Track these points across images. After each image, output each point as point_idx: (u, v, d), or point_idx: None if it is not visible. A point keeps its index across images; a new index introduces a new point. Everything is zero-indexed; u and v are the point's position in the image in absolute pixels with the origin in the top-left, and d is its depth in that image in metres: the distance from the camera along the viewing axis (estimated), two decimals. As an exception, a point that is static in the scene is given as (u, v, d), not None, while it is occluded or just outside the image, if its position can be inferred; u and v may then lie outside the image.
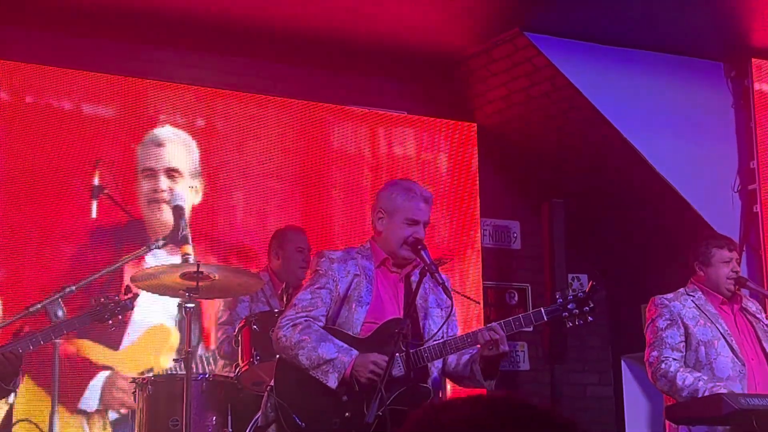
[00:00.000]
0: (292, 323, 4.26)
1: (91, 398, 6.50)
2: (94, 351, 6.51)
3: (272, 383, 4.37)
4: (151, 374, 6.16)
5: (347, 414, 4.14)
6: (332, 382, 4.11)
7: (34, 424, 6.13)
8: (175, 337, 6.67)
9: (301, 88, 7.45)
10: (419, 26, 7.15)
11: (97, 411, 6.51)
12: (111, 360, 6.58)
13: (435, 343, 4.22)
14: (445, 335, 4.31)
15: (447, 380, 4.61)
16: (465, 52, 7.53)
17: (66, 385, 6.29)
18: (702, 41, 7.37)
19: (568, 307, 4.29)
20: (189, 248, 6.72)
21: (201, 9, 6.78)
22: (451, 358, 4.37)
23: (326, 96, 7.51)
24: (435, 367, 4.33)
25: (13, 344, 4.62)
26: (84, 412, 6.49)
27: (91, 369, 6.55)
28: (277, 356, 4.37)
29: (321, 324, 4.27)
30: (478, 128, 7.87)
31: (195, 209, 6.94)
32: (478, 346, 4.21)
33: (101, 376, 6.58)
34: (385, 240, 4.37)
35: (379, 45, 7.40)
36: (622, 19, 7.01)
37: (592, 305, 4.30)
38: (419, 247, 4.28)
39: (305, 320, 4.25)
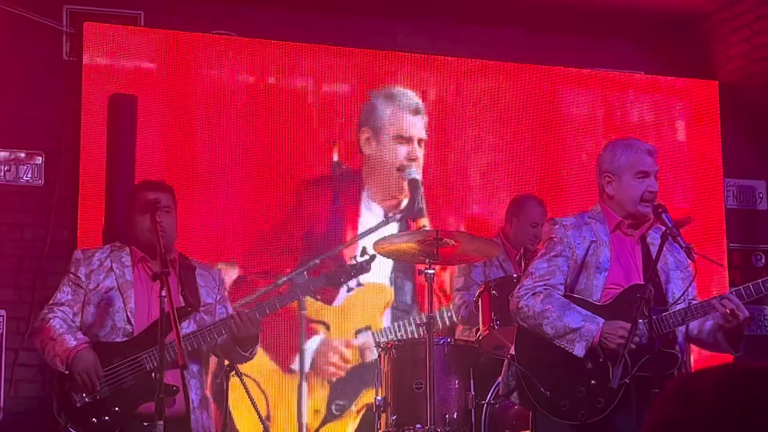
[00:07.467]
0: (531, 292, 4.21)
1: (305, 361, 6.52)
2: (310, 307, 6.51)
3: (512, 352, 4.36)
4: (394, 338, 6.33)
5: (593, 382, 4.09)
6: (579, 350, 4.06)
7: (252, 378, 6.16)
8: (390, 296, 6.75)
9: (536, 53, 7.40)
10: (656, -17, 6.98)
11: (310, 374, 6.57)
12: (326, 316, 6.61)
13: (678, 308, 4.13)
14: (686, 298, 4.22)
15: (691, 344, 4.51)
16: (705, 8, 7.28)
17: (281, 344, 6.44)
18: None
19: None
20: (425, 221, 6.80)
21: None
22: (693, 325, 4.25)
23: (561, 59, 7.44)
24: (680, 332, 4.24)
25: (251, 310, 4.60)
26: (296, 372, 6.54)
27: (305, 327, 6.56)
28: (517, 326, 4.36)
29: (560, 292, 4.21)
30: (719, 86, 7.61)
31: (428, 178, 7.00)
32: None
33: (316, 340, 6.61)
34: (619, 202, 4.28)
35: (615, 4, 7.25)
36: None
37: None
38: (660, 210, 4.19)
39: (545, 289, 4.19)
